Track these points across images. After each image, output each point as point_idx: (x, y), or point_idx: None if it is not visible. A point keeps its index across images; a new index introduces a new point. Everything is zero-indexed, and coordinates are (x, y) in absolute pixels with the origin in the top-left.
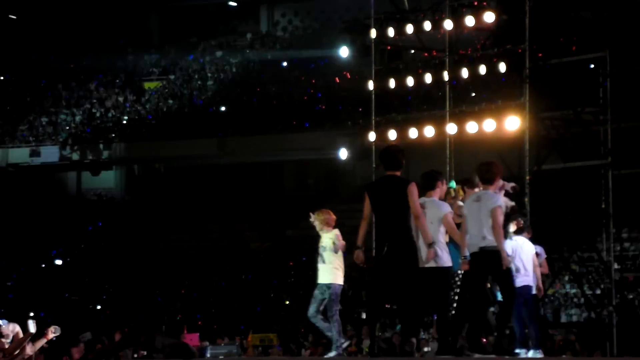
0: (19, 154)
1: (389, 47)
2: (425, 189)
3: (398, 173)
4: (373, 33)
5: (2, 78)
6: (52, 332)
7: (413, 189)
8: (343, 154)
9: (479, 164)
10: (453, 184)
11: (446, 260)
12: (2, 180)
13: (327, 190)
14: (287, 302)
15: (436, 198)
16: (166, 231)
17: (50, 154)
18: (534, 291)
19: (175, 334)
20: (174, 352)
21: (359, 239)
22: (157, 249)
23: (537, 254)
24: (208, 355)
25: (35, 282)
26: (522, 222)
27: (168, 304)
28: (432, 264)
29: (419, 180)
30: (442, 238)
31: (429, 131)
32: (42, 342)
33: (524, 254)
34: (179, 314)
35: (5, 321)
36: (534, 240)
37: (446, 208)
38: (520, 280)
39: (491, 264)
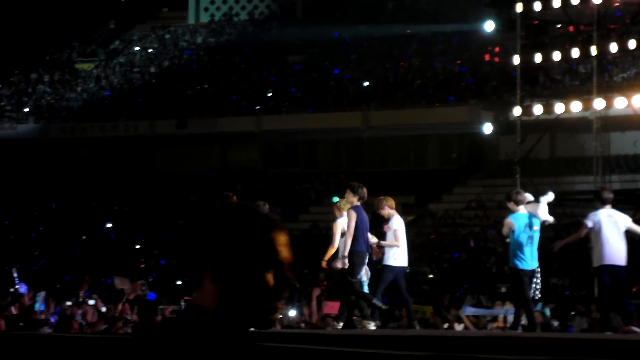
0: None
1: (535, 22)
2: None
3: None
4: (519, 7)
5: None
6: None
7: None
8: (487, 128)
9: None
10: (336, 198)
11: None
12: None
13: (470, 164)
14: (431, 276)
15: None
16: (308, 204)
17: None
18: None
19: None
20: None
21: None
22: (298, 221)
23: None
24: None
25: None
26: None
27: (312, 277)
28: None
29: None
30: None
31: (576, 106)
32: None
33: None
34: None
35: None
36: None
37: None
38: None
39: None
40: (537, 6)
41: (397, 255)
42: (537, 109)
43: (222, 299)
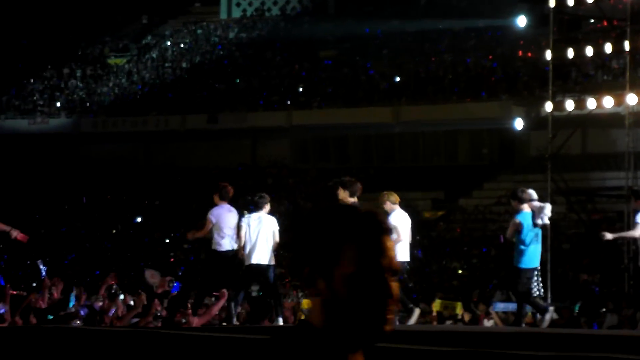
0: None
1: (567, 17)
2: None
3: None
4: (552, 2)
5: None
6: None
7: None
8: (518, 124)
9: None
10: None
11: None
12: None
13: (501, 160)
14: (460, 272)
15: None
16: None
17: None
18: None
19: None
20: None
21: None
22: None
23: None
24: None
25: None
26: None
27: None
28: None
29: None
30: None
31: (608, 102)
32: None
33: None
34: None
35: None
36: None
37: None
38: None
39: None
40: (570, 1)
41: (397, 250)
42: (569, 105)
43: (327, 313)
